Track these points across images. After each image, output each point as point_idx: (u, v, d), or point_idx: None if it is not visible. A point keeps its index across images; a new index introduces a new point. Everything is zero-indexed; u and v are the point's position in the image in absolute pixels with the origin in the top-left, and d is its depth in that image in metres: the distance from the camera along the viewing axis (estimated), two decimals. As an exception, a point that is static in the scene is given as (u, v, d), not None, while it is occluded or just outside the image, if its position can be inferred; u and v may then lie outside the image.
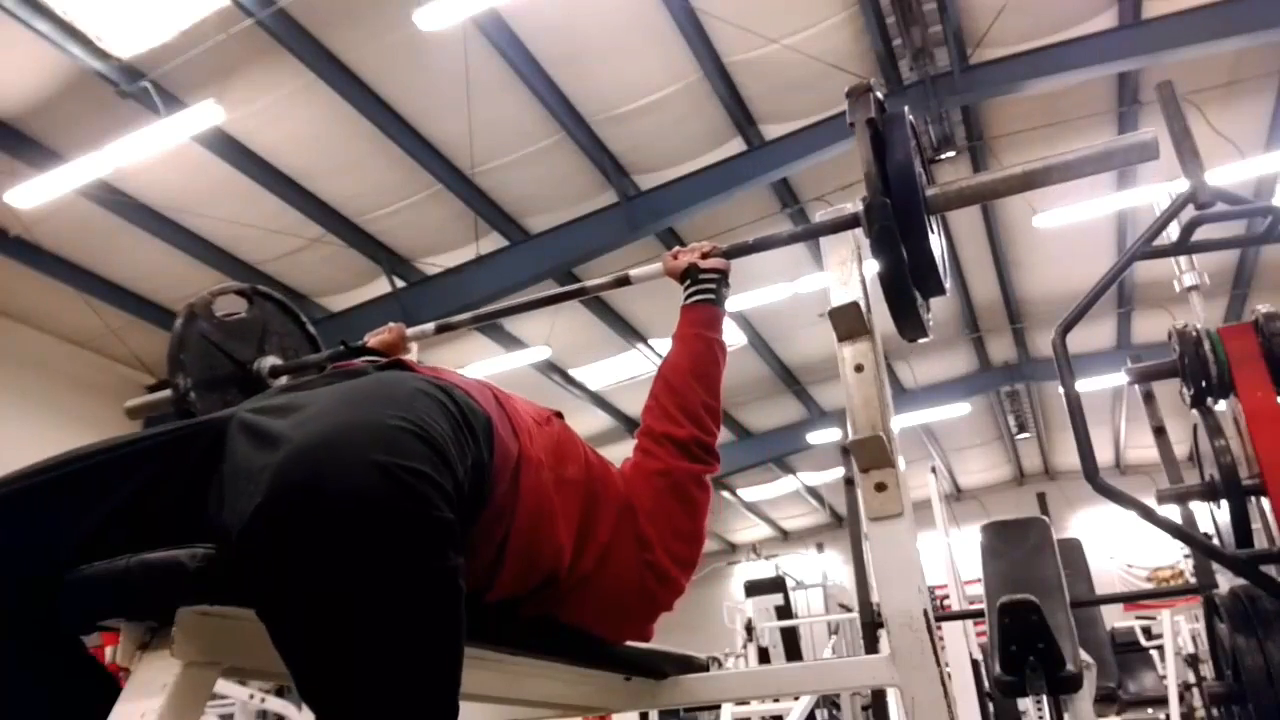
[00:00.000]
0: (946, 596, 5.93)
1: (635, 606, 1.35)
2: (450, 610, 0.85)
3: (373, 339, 1.90)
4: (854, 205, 1.61)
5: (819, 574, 13.23)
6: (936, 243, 1.58)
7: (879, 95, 1.58)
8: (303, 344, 2.02)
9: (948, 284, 1.61)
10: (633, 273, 1.81)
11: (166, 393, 1.73)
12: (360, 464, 0.81)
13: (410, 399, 0.96)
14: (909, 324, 1.56)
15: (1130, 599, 7.27)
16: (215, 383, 1.76)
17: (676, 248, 1.75)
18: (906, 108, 1.63)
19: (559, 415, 1.37)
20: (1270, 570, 2.40)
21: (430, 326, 2.00)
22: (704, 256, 1.68)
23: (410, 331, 1.94)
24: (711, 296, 1.63)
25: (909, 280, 1.49)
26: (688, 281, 1.66)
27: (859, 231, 1.70)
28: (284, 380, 1.84)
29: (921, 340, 1.63)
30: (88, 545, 0.90)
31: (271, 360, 1.88)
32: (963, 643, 4.96)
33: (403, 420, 0.88)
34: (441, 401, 0.99)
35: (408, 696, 0.81)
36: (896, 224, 1.45)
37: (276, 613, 0.81)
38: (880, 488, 1.48)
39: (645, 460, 1.44)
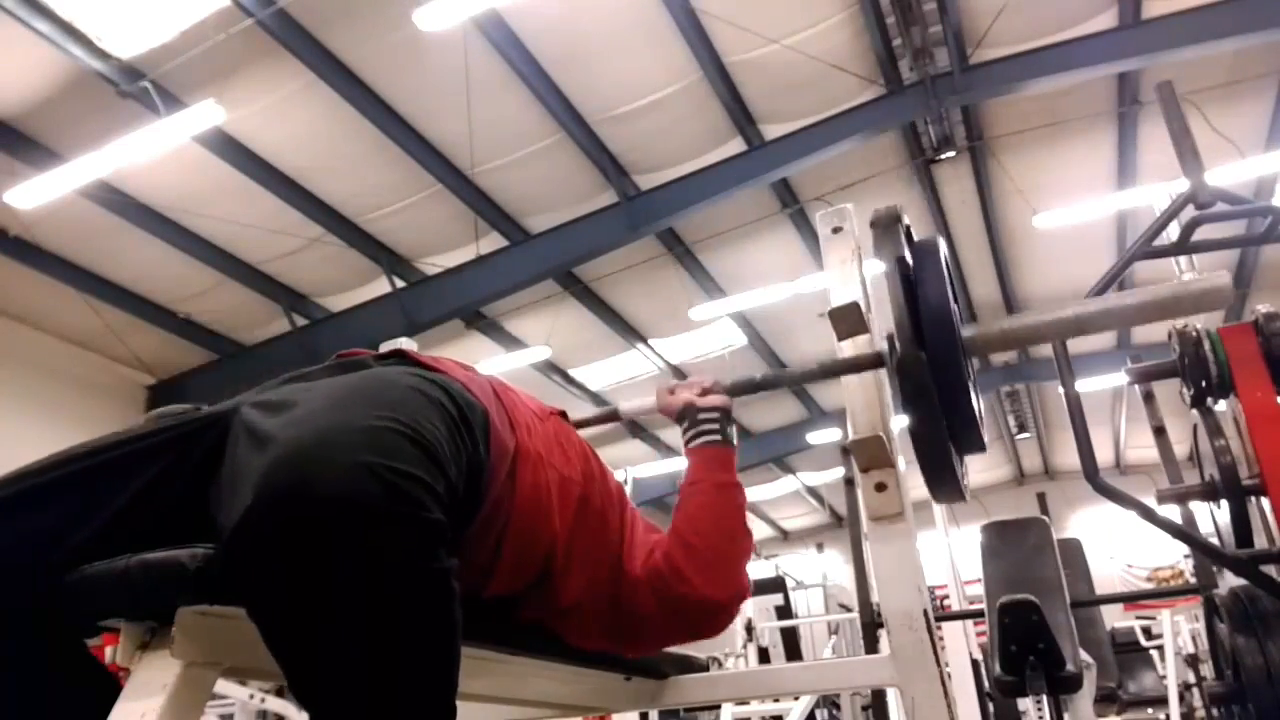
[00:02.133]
0: (946, 596, 5.94)
1: (624, 626, 1.34)
2: (443, 612, 0.85)
3: None
4: (880, 335, 1.40)
5: (819, 574, 13.21)
6: (974, 393, 1.40)
7: (908, 222, 1.39)
8: None
9: (987, 437, 1.41)
10: (623, 407, 1.68)
11: None
12: (348, 466, 0.81)
13: (403, 398, 0.95)
14: (945, 487, 1.38)
15: (1130, 599, 7.27)
16: None
17: (673, 382, 1.56)
18: (941, 240, 1.43)
19: (563, 414, 1.37)
20: (1270, 570, 2.40)
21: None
22: (704, 393, 1.49)
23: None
24: (718, 438, 1.45)
25: (946, 440, 1.33)
26: (686, 423, 1.48)
27: (857, 232, 1.69)
28: None
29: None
30: (92, 545, 0.89)
31: None
32: (963, 643, 4.96)
33: (393, 421, 0.88)
34: (437, 399, 0.98)
35: (402, 700, 0.80)
36: (933, 380, 1.27)
37: (268, 617, 0.81)
38: (880, 488, 1.48)
39: (651, 584, 1.30)
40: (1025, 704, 4.60)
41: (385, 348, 1.85)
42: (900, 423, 1.50)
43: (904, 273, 1.32)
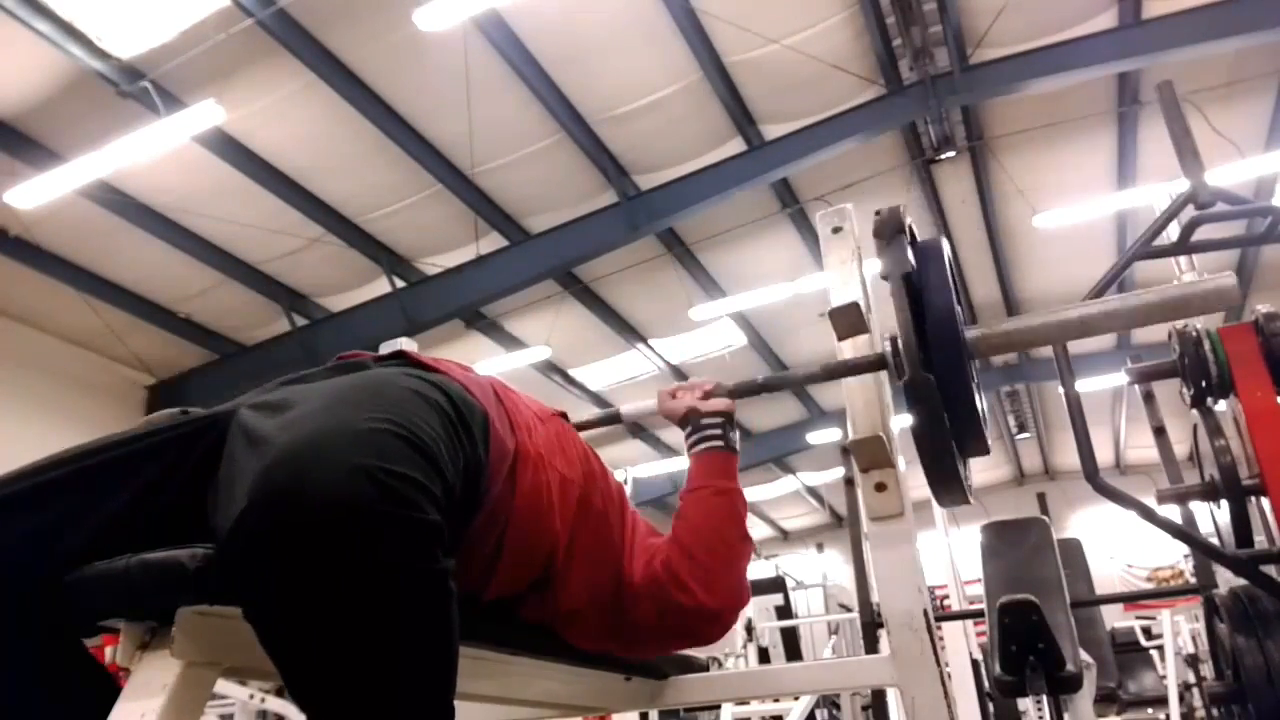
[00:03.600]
0: (946, 596, 5.93)
1: (624, 630, 1.34)
2: (440, 612, 0.84)
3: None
4: (881, 335, 1.37)
5: (819, 574, 13.21)
6: (978, 395, 1.38)
7: (913, 227, 1.36)
8: None
9: (990, 438, 1.39)
10: (624, 410, 1.68)
11: None
12: (343, 469, 0.80)
13: (400, 400, 0.94)
14: (950, 491, 1.38)
15: (1130, 599, 7.28)
16: None
17: (674, 384, 1.55)
18: (944, 239, 1.41)
19: (563, 415, 1.37)
20: (1270, 570, 2.40)
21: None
22: (705, 396, 1.48)
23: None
24: (720, 444, 1.44)
25: (950, 446, 1.31)
26: (689, 428, 1.47)
27: (857, 232, 1.69)
28: None
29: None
30: (91, 546, 0.89)
31: None
32: (963, 643, 4.96)
33: (388, 423, 0.87)
34: (435, 401, 0.98)
35: (400, 702, 0.80)
36: (940, 391, 1.25)
37: (264, 620, 0.81)
38: (880, 488, 1.48)
39: (650, 592, 1.30)
40: (1025, 704, 4.60)
41: (385, 349, 1.85)
42: (900, 422, 1.51)
43: (908, 276, 1.30)
